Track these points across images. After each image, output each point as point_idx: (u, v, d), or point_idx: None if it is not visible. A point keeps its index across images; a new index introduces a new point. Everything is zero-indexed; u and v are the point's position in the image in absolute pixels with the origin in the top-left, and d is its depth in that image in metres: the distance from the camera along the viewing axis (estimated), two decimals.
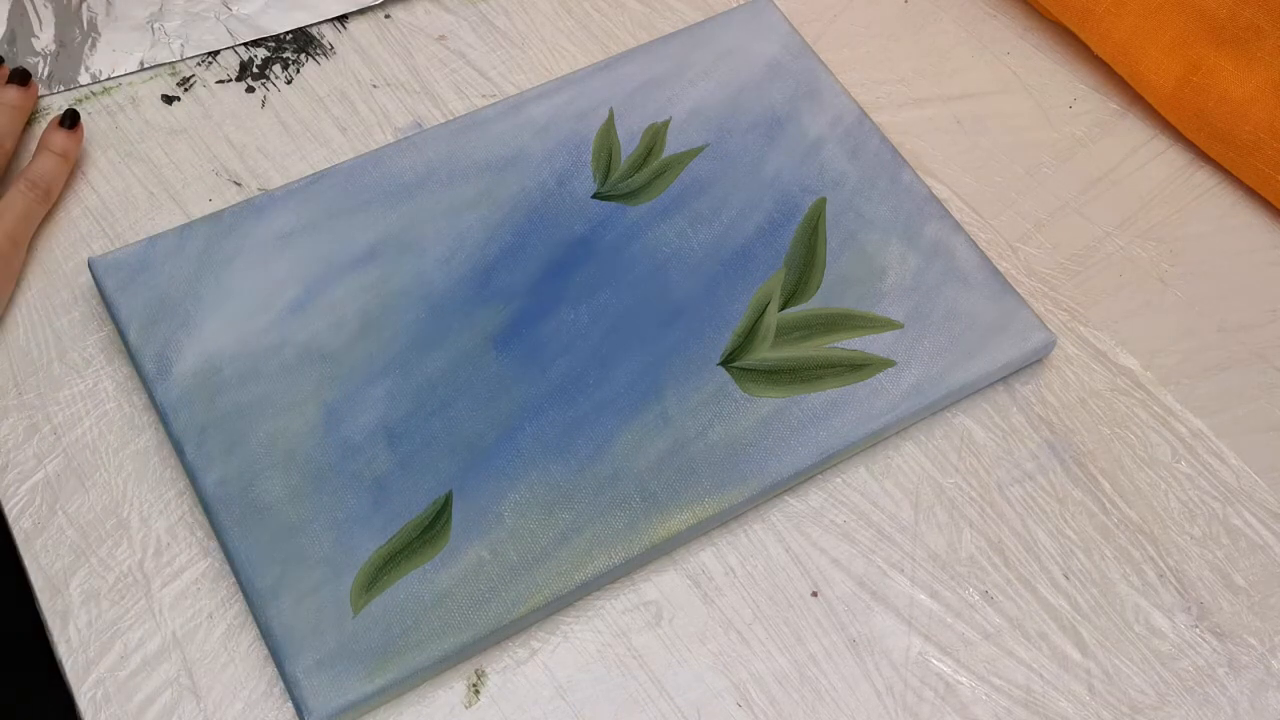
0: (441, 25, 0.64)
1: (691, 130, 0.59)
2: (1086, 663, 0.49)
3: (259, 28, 0.63)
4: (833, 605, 0.49)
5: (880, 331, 0.54)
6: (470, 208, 0.56)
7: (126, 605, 0.48)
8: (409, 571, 0.48)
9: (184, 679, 0.47)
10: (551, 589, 0.48)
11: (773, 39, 0.61)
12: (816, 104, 0.60)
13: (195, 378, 0.51)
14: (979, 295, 0.54)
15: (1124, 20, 0.61)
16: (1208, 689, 0.48)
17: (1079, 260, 0.58)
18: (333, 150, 0.60)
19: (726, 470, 0.50)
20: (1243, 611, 0.50)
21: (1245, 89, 0.59)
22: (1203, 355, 0.56)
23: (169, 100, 0.61)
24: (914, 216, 0.56)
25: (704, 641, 0.48)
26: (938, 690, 0.48)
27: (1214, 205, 0.60)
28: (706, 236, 0.56)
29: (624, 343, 0.53)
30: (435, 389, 0.52)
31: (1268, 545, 0.51)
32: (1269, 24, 0.58)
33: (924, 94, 0.63)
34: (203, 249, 0.54)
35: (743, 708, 0.47)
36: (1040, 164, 0.61)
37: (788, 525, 0.51)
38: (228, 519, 0.48)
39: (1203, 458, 0.53)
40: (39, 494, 0.50)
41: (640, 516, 0.49)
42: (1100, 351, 0.55)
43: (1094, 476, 0.52)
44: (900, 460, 0.52)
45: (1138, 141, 0.62)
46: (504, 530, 0.49)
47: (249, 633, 0.48)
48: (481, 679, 0.48)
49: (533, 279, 0.54)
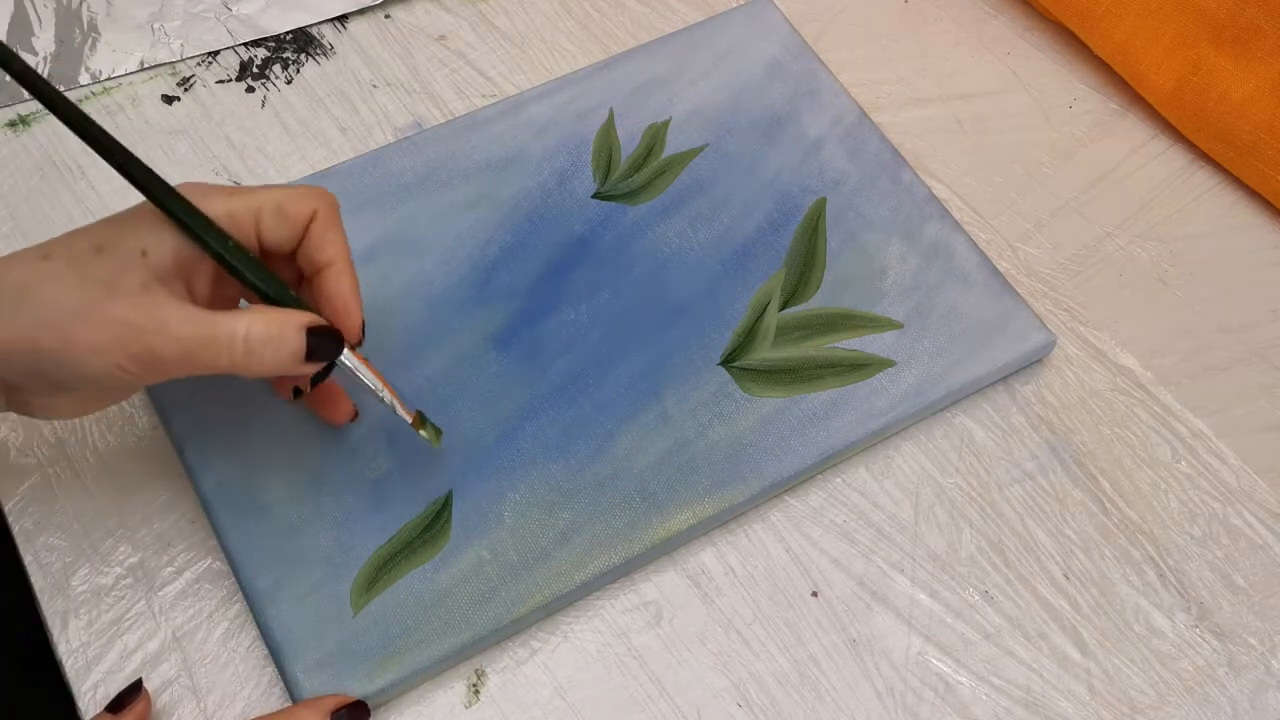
0: (441, 25, 0.64)
1: (691, 130, 0.59)
2: (1086, 663, 0.49)
3: (259, 28, 0.63)
4: (833, 605, 0.49)
5: (880, 331, 0.54)
6: (470, 208, 0.56)
7: (126, 605, 0.48)
8: (409, 571, 0.48)
9: (184, 679, 0.47)
10: (551, 589, 0.48)
11: (773, 39, 0.61)
12: (816, 104, 0.60)
13: (195, 377, 0.51)
14: (979, 295, 0.54)
15: (1124, 20, 0.61)
16: (1208, 689, 0.48)
17: (1079, 260, 0.58)
18: (333, 150, 0.60)
19: (726, 470, 0.50)
20: (1243, 611, 0.50)
21: (1245, 89, 0.59)
22: (1203, 355, 0.56)
23: (169, 100, 0.61)
24: (914, 216, 0.56)
25: (704, 641, 0.48)
26: (938, 690, 0.48)
27: (1214, 205, 0.60)
28: (706, 236, 0.56)
29: (624, 343, 0.53)
30: (435, 389, 0.52)
31: (1268, 545, 0.51)
32: (1269, 24, 0.58)
33: (924, 94, 0.63)
34: None
35: (743, 708, 0.47)
36: (1040, 164, 0.61)
37: (788, 525, 0.51)
38: (228, 519, 0.48)
39: (1203, 458, 0.53)
40: (39, 494, 0.50)
41: (640, 516, 0.49)
42: (1100, 351, 0.55)
43: (1094, 476, 0.52)
44: (900, 460, 0.52)
45: (1138, 141, 0.62)
46: (504, 530, 0.49)
47: (249, 633, 0.48)
48: (481, 679, 0.48)
49: (532, 279, 0.54)
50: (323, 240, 0.45)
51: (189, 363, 0.42)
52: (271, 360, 0.43)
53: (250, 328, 0.42)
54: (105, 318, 0.41)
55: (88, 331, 0.41)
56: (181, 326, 0.42)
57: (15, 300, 0.41)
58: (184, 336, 0.42)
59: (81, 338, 0.41)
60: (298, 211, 0.44)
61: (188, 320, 0.42)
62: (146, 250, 0.42)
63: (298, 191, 0.45)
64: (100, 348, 0.41)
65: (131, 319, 0.41)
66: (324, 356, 0.44)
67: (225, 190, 0.44)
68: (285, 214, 0.44)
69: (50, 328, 0.41)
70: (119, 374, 0.42)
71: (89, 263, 0.42)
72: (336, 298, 0.45)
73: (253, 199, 0.44)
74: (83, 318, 0.41)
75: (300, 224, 0.45)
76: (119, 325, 0.41)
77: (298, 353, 0.43)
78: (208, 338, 0.42)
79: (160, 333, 0.41)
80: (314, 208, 0.45)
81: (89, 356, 0.41)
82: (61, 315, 0.41)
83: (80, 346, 0.41)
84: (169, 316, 0.41)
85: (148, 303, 0.41)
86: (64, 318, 0.41)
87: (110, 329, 0.41)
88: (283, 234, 0.45)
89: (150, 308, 0.41)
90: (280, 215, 0.44)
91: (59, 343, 0.41)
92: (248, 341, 0.42)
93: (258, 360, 0.42)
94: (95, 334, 0.41)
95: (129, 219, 0.43)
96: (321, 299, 0.45)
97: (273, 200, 0.44)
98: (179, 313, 0.42)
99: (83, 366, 0.41)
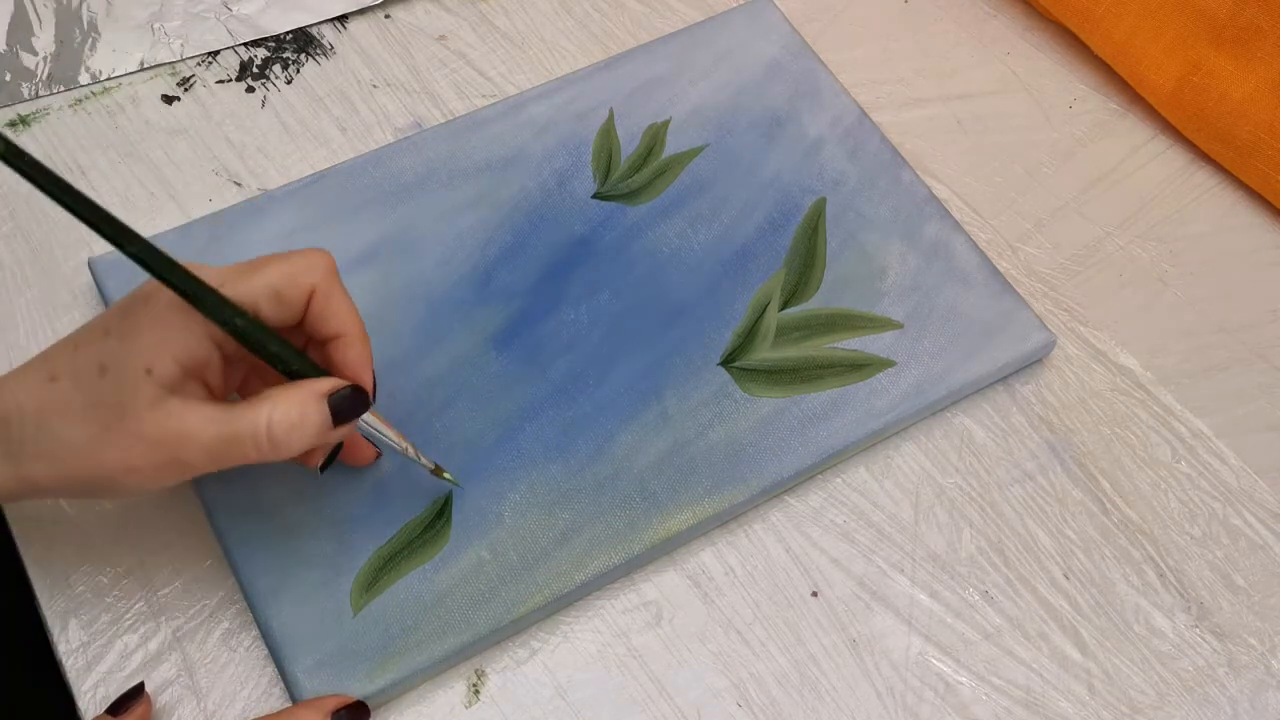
0: (441, 25, 0.64)
1: (691, 130, 0.59)
2: (1086, 663, 0.49)
3: (259, 28, 0.63)
4: (833, 605, 0.49)
5: (880, 331, 0.54)
6: (470, 208, 0.56)
7: (126, 605, 0.48)
8: (409, 572, 0.48)
9: (184, 679, 0.47)
10: (551, 589, 0.48)
11: (773, 39, 0.61)
12: (816, 104, 0.60)
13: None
14: (979, 295, 0.54)
15: (1124, 20, 0.61)
16: (1208, 689, 0.48)
17: (1079, 260, 0.58)
18: (333, 150, 0.60)
19: (726, 470, 0.50)
20: (1243, 611, 0.50)
21: (1245, 89, 0.59)
22: (1203, 355, 0.56)
23: (169, 100, 0.61)
24: (914, 216, 0.56)
25: (704, 641, 0.48)
26: (938, 690, 0.48)
27: (1214, 205, 0.60)
28: (706, 236, 0.56)
29: (624, 343, 0.53)
30: (435, 389, 0.52)
31: (1268, 545, 0.51)
32: (1269, 24, 0.58)
33: (924, 94, 0.63)
34: (203, 249, 0.54)
35: (743, 708, 0.47)
36: (1040, 164, 0.61)
37: (788, 525, 0.51)
38: (227, 519, 0.48)
39: (1203, 458, 0.53)
40: None
41: (640, 516, 0.49)
42: (1100, 351, 0.55)
43: (1094, 476, 0.52)
44: (900, 460, 0.52)
45: (1138, 141, 0.62)
46: (504, 530, 0.49)
47: (249, 633, 0.48)
48: (481, 679, 0.48)
49: (532, 279, 0.54)
50: (324, 314, 0.44)
51: (219, 462, 0.42)
52: (299, 443, 0.42)
53: (271, 418, 0.41)
54: (129, 436, 0.41)
55: (116, 453, 0.41)
56: (203, 431, 0.41)
57: (35, 432, 0.41)
58: (207, 442, 0.41)
59: (112, 460, 0.41)
60: (295, 295, 0.43)
61: (208, 423, 0.41)
62: (151, 369, 0.41)
63: (291, 269, 0.43)
64: (134, 466, 0.41)
65: (151, 435, 0.41)
66: (351, 415, 0.43)
67: (218, 279, 0.42)
68: (283, 299, 0.43)
69: (79, 455, 0.41)
70: (155, 485, 0.42)
71: (96, 386, 0.41)
72: (346, 368, 0.45)
73: (248, 288, 0.43)
74: (108, 443, 0.41)
75: (299, 305, 0.44)
76: (142, 442, 0.41)
77: (324, 426, 0.42)
78: (230, 437, 0.41)
79: (184, 444, 0.41)
80: (311, 284, 0.44)
81: (125, 476, 0.41)
82: (84, 443, 0.41)
83: (114, 467, 0.41)
84: (188, 426, 0.41)
85: (161, 417, 0.41)
86: (89, 445, 0.41)
87: (136, 446, 0.41)
88: (284, 317, 0.44)
89: (166, 421, 0.41)
90: (278, 302, 0.43)
91: (93, 469, 0.41)
92: (271, 431, 0.41)
93: (285, 448, 0.42)
94: (124, 455, 0.41)
95: (130, 327, 0.42)
96: (332, 367, 0.45)
97: (268, 289, 0.43)
98: (198, 417, 0.41)
99: (120, 485, 0.42)
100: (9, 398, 0.42)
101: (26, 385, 0.42)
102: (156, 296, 0.42)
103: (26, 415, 0.42)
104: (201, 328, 0.42)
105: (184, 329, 0.42)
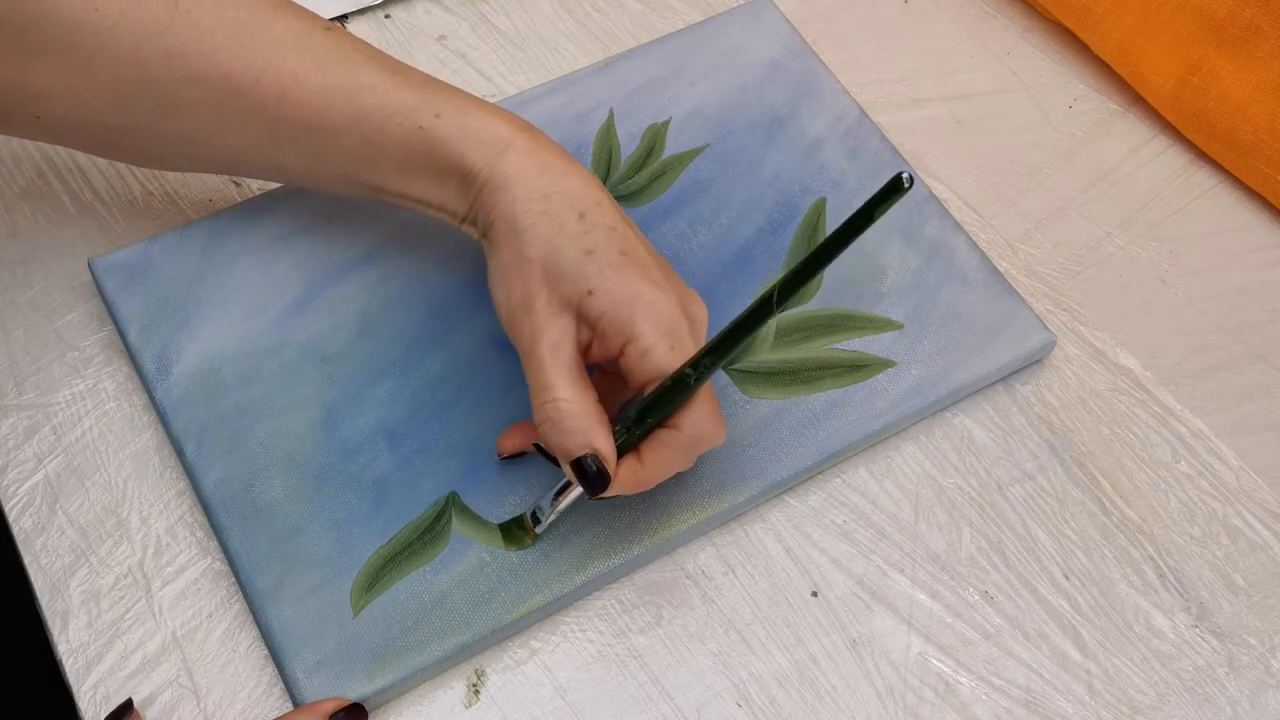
0: (441, 25, 0.64)
1: (691, 130, 0.59)
2: (1086, 663, 0.49)
3: None
4: (833, 605, 0.49)
5: (880, 332, 0.54)
6: None
7: (126, 605, 0.48)
8: (409, 572, 0.48)
9: (184, 679, 0.47)
10: (551, 589, 0.48)
11: (773, 39, 0.61)
12: (816, 104, 0.60)
13: (195, 378, 0.51)
14: (979, 295, 0.54)
15: (1124, 20, 0.61)
16: (1208, 689, 0.48)
17: (1079, 260, 0.58)
18: None
19: (726, 470, 0.50)
20: (1243, 611, 0.50)
21: (1245, 89, 0.59)
22: (1203, 355, 0.56)
23: None
24: (914, 216, 0.56)
25: (704, 641, 0.48)
26: (938, 690, 0.48)
27: (1214, 205, 0.60)
28: (707, 237, 0.56)
29: None
30: (436, 390, 0.52)
31: (1268, 545, 0.51)
32: (1269, 24, 0.58)
33: (924, 94, 0.63)
34: (203, 249, 0.54)
35: (743, 708, 0.47)
36: (1040, 164, 0.61)
37: (788, 525, 0.51)
38: (228, 519, 0.48)
39: (1203, 458, 0.53)
40: (39, 494, 0.50)
41: (640, 516, 0.49)
42: (1100, 351, 0.55)
43: (1094, 476, 0.52)
44: (900, 460, 0.52)
45: (1138, 141, 0.62)
46: None
47: (249, 633, 0.48)
48: (481, 679, 0.48)
49: None
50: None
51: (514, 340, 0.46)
52: (553, 442, 0.45)
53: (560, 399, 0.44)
54: (531, 289, 0.45)
55: (519, 282, 0.46)
56: (538, 339, 0.45)
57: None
58: (528, 343, 0.45)
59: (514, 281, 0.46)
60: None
61: (550, 348, 0.45)
62: (593, 290, 0.44)
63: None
64: (512, 288, 0.46)
65: (525, 289, 0.45)
66: (591, 490, 0.45)
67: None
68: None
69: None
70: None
71: (563, 234, 0.45)
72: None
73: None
74: (523, 274, 0.45)
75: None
76: (529, 280, 0.45)
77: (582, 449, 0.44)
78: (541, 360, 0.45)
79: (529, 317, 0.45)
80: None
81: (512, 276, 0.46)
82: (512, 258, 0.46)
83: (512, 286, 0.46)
84: (550, 335, 0.45)
85: (548, 316, 0.45)
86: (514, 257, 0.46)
87: (520, 290, 0.45)
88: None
89: (545, 321, 0.45)
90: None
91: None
92: (558, 410, 0.44)
93: (548, 431, 0.45)
94: (523, 284, 0.45)
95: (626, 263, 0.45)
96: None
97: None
98: (552, 326, 0.45)
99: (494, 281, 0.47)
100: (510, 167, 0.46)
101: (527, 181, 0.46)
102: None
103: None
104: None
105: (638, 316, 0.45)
